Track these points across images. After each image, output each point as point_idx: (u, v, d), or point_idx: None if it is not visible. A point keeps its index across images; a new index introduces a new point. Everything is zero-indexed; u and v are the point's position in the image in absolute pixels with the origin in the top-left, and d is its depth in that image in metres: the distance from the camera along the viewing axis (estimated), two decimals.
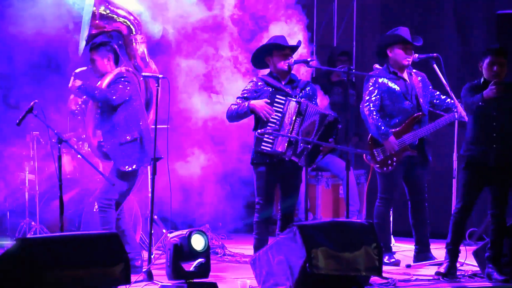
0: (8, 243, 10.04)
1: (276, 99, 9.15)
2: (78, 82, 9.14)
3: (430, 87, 9.99)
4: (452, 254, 9.04)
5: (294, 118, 9.10)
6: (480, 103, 8.83)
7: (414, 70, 9.96)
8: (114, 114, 9.17)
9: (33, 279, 7.29)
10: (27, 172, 10.43)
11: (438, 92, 9.98)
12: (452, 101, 9.74)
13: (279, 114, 9.12)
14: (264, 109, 9.10)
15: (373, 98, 9.76)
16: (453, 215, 9.07)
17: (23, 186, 10.53)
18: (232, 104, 9.29)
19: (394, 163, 9.79)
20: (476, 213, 9.67)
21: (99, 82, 9.23)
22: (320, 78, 12.29)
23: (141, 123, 9.21)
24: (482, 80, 9.01)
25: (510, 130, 8.95)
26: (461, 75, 12.03)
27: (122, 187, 9.15)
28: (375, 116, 9.74)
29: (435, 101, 9.97)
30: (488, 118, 8.93)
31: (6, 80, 10.92)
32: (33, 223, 10.13)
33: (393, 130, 9.77)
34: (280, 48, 9.26)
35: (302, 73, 10.36)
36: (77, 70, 9.29)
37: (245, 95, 9.27)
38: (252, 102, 9.14)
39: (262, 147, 9.13)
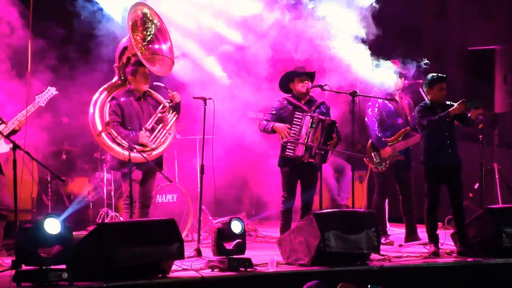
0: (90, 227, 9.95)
1: (296, 115, 9.13)
2: None
3: (413, 113, 9.87)
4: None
5: (309, 129, 9.07)
6: (447, 119, 8.73)
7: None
8: None
9: (109, 253, 7.27)
10: (105, 171, 10.33)
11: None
12: None
13: (298, 127, 9.08)
14: (283, 131, 9.08)
15: (375, 114, 9.76)
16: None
17: (102, 183, 10.44)
18: (263, 120, 9.27)
19: (387, 165, 9.76)
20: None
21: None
22: None
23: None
24: (428, 102, 8.96)
25: (455, 139, 8.92)
26: None
27: None
28: (376, 128, 9.74)
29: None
30: (442, 131, 8.88)
31: None
32: (109, 211, 10.03)
33: (387, 139, 9.74)
34: (299, 75, 9.15)
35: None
36: None
37: (273, 112, 9.25)
38: (276, 125, 9.13)
39: (286, 152, 9.11)
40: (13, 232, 8.05)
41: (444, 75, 9.08)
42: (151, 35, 9.16)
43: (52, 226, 7.04)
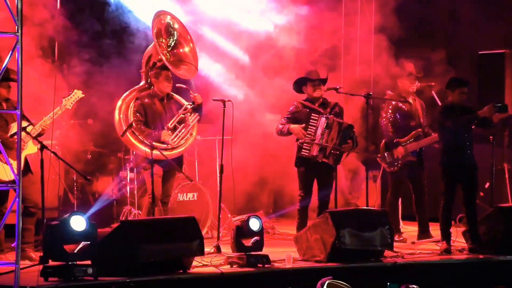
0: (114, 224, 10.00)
1: (311, 117, 9.11)
2: None
3: (425, 113, 9.98)
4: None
5: (324, 130, 9.04)
6: (475, 120, 8.75)
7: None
8: None
9: (132, 249, 7.30)
10: (129, 171, 10.37)
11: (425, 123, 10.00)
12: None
13: (313, 128, 9.08)
14: (299, 133, 9.06)
15: (389, 116, 9.74)
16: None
17: (126, 182, 10.48)
18: (279, 123, 9.28)
19: (399, 165, 9.73)
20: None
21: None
22: None
23: None
24: (449, 104, 8.90)
25: (472, 140, 8.94)
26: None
27: None
28: (390, 129, 9.72)
29: None
30: (461, 132, 8.85)
31: None
32: (132, 209, 10.07)
33: (400, 140, 9.71)
34: (312, 80, 9.17)
35: None
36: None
37: (288, 116, 9.24)
38: (292, 126, 9.11)
39: (302, 152, 9.10)
40: (40, 229, 8.15)
41: (468, 81, 9.05)
42: (175, 41, 9.25)
43: (78, 223, 7.09)
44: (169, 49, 9.24)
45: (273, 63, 10.52)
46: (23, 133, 7.85)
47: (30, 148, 8.14)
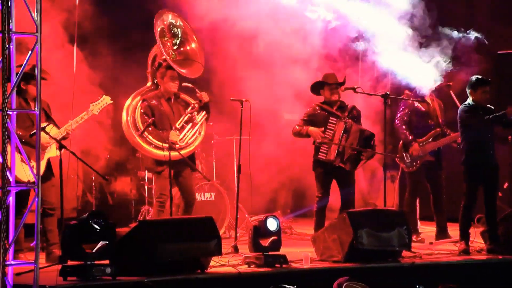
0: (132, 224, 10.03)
1: (330, 121, 9.11)
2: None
3: (443, 113, 9.95)
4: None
5: (341, 134, 9.04)
6: (504, 119, 8.70)
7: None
8: None
9: (150, 249, 7.32)
10: (146, 171, 10.41)
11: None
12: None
13: (331, 132, 9.08)
14: (318, 136, 9.05)
15: (403, 115, 9.74)
16: None
17: (144, 182, 10.52)
18: (296, 125, 9.25)
19: (418, 165, 9.71)
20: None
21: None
22: None
23: None
24: (472, 103, 8.84)
25: (494, 140, 8.91)
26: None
27: None
28: (404, 127, 9.69)
29: None
30: (485, 132, 8.81)
31: None
32: (150, 209, 10.10)
33: (418, 140, 9.69)
34: (329, 84, 9.15)
35: None
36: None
37: (305, 118, 9.24)
38: (310, 129, 9.11)
39: (319, 156, 9.12)
40: (59, 229, 8.19)
41: (489, 79, 8.99)
42: (180, 39, 9.22)
43: (98, 223, 7.11)
44: (175, 48, 9.20)
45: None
46: (47, 136, 7.90)
47: (53, 151, 8.16)
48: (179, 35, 9.22)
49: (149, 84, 9.16)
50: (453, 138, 9.60)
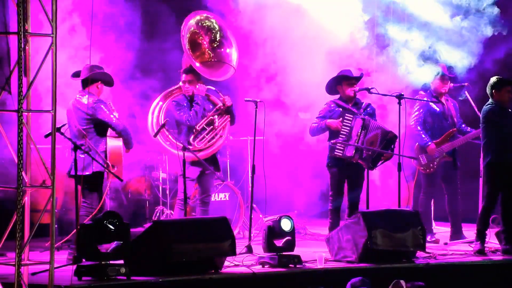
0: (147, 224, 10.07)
1: (346, 117, 9.06)
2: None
3: (458, 113, 9.93)
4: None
5: (359, 131, 9.00)
6: None
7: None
8: None
9: (164, 249, 7.35)
10: (161, 171, 10.44)
11: (461, 121, 9.92)
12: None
13: (348, 128, 9.04)
14: (337, 125, 8.99)
15: (418, 116, 9.71)
16: None
17: (158, 182, 10.55)
18: (313, 123, 9.22)
19: (435, 166, 9.67)
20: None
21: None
22: None
23: None
24: (494, 104, 8.80)
25: None
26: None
27: None
28: (419, 128, 9.68)
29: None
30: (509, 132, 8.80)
31: None
32: (165, 209, 10.13)
33: (434, 141, 9.66)
34: (347, 79, 9.13)
35: None
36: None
37: (321, 115, 9.19)
38: (329, 121, 9.05)
39: (335, 152, 9.04)
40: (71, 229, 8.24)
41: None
42: (217, 38, 9.25)
43: (112, 223, 7.14)
44: (213, 45, 9.21)
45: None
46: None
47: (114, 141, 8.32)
48: (217, 35, 9.24)
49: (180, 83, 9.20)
50: (469, 138, 9.58)
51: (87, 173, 8.11)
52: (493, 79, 8.93)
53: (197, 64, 9.04)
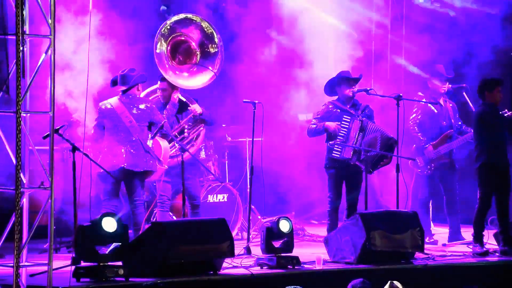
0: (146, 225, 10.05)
1: (343, 118, 9.08)
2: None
3: (457, 114, 9.92)
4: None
5: (357, 132, 9.01)
6: None
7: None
8: None
9: (163, 251, 7.35)
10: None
11: (460, 122, 9.91)
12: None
13: (346, 130, 9.05)
14: (336, 128, 9.00)
15: (415, 117, 9.73)
16: None
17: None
18: (311, 124, 9.23)
19: (432, 168, 9.70)
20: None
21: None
22: None
23: None
24: (487, 104, 8.81)
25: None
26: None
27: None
28: (416, 129, 9.70)
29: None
30: (503, 133, 8.84)
31: None
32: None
33: (431, 143, 9.68)
34: (346, 80, 9.12)
35: None
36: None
37: (318, 116, 9.21)
38: (327, 123, 9.05)
39: (333, 154, 9.07)
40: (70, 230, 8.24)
41: (502, 79, 9.01)
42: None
43: (109, 224, 7.14)
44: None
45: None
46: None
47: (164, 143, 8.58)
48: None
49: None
50: (467, 139, 9.60)
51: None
52: (484, 80, 8.94)
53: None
